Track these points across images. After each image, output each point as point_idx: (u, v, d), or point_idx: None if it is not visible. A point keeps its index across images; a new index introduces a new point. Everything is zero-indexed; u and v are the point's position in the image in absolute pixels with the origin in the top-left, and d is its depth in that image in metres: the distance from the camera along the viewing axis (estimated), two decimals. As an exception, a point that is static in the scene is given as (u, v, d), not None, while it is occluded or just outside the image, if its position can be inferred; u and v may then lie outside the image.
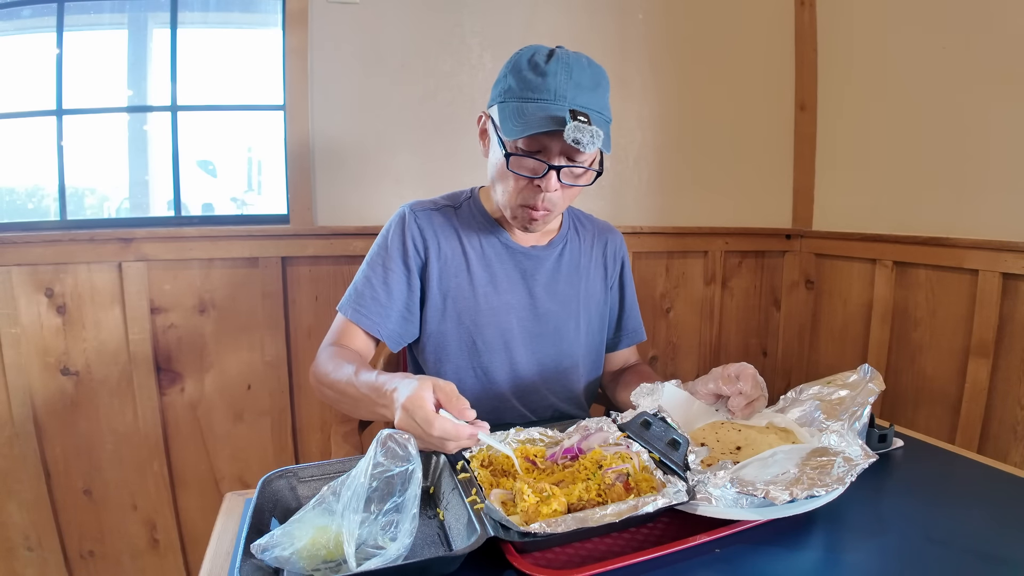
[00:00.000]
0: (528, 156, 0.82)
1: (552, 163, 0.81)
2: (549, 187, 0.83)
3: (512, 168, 0.83)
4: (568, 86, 0.80)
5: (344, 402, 0.82)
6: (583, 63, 0.82)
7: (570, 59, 0.81)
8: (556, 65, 0.80)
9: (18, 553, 1.46)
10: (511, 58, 0.85)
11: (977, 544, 0.61)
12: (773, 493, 0.59)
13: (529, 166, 0.83)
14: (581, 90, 0.80)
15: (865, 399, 0.74)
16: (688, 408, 0.84)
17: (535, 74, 0.80)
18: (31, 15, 1.50)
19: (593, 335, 1.05)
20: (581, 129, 0.74)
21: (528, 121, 0.78)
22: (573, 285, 1.02)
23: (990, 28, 1.42)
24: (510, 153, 0.83)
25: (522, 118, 0.79)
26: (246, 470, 1.60)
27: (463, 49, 1.65)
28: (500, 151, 0.84)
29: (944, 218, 1.54)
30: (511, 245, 0.98)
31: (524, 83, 0.81)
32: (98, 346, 1.45)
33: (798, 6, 1.90)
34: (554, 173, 0.82)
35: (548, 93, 0.79)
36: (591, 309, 1.04)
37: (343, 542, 0.54)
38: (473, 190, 1.03)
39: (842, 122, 1.86)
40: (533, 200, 0.85)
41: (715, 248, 1.91)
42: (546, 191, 0.83)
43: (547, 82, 0.80)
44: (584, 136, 0.74)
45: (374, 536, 0.57)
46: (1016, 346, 1.38)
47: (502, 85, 0.85)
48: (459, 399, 0.65)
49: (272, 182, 1.69)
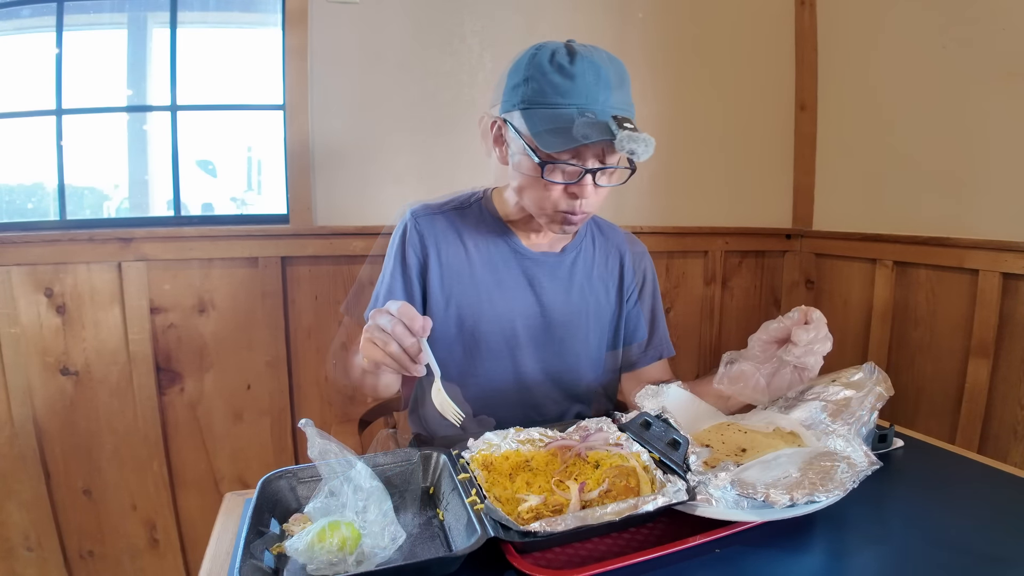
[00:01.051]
0: (566, 163, 0.79)
1: (587, 167, 0.79)
2: (585, 192, 0.81)
3: (547, 176, 0.80)
4: (598, 88, 0.77)
5: (354, 373, 0.84)
6: (605, 59, 0.79)
7: (594, 57, 0.78)
8: (582, 65, 0.77)
9: (18, 553, 1.46)
10: (524, 58, 0.82)
11: (977, 544, 0.61)
12: (773, 496, 0.59)
13: (563, 173, 0.81)
14: (611, 90, 0.78)
15: (873, 403, 0.73)
16: (693, 409, 0.84)
17: (562, 76, 0.77)
18: (31, 15, 1.50)
19: (603, 347, 1.02)
20: (635, 139, 0.71)
21: (568, 130, 0.75)
22: (583, 295, 0.99)
23: (990, 28, 1.42)
24: (545, 162, 0.79)
25: (559, 127, 0.76)
26: (246, 470, 1.60)
27: (463, 49, 1.64)
28: (530, 160, 0.80)
29: (944, 218, 1.54)
30: (520, 250, 0.95)
31: (552, 87, 0.77)
32: (98, 346, 1.45)
33: (798, 6, 1.90)
34: (590, 177, 0.79)
35: (579, 97, 0.76)
36: (602, 320, 1.01)
37: (344, 541, 0.54)
38: (486, 191, 1.00)
39: (842, 122, 1.86)
40: (571, 206, 0.83)
41: (715, 248, 1.91)
42: (583, 197, 0.81)
43: (576, 85, 0.76)
44: (639, 146, 0.71)
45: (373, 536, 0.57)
46: (1016, 346, 1.38)
47: (523, 90, 0.80)
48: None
49: (272, 182, 1.69)
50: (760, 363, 0.80)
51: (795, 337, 0.75)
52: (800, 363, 0.76)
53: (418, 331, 0.67)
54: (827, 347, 0.76)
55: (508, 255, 0.95)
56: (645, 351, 1.05)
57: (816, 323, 0.75)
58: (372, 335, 0.68)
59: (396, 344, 0.66)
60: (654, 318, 1.06)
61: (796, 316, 0.76)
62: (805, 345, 0.74)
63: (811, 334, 0.74)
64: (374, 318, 0.69)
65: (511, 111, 0.83)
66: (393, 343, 0.66)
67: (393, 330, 0.66)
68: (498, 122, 0.87)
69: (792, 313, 0.77)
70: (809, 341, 0.74)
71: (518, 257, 0.96)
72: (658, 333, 1.06)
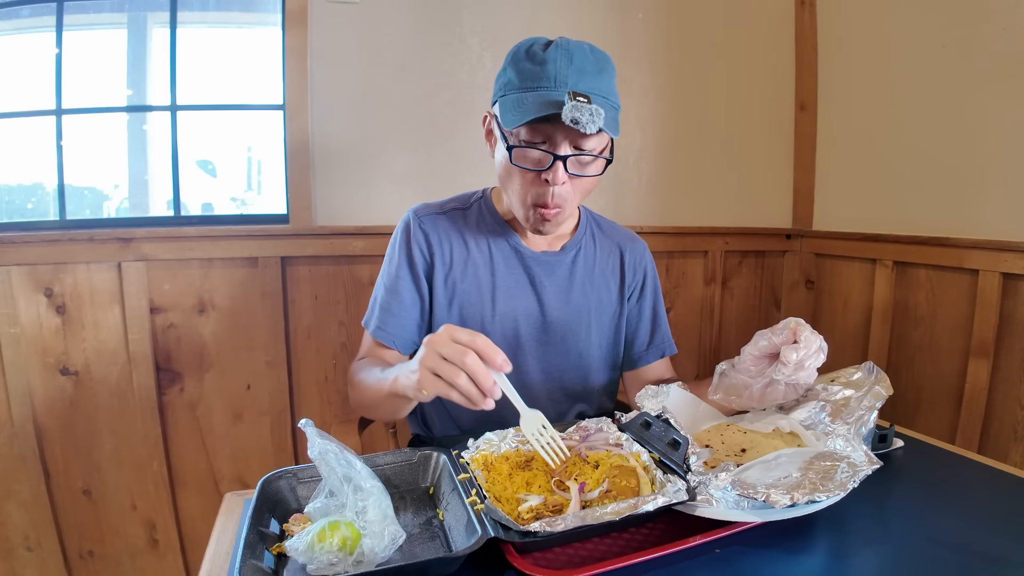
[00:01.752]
0: (531, 147, 0.79)
1: (557, 153, 0.78)
2: (556, 179, 0.79)
3: (516, 161, 0.80)
4: (569, 71, 0.76)
5: (374, 398, 0.81)
6: (584, 49, 0.79)
7: (571, 46, 0.79)
8: (555, 52, 0.78)
9: (18, 553, 1.46)
10: (509, 52, 0.83)
11: (977, 544, 0.61)
12: (774, 497, 0.59)
13: (534, 158, 0.80)
14: (583, 75, 0.77)
15: (873, 403, 0.73)
16: (693, 410, 0.84)
17: (533, 63, 0.78)
18: (30, 15, 1.50)
19: (604, 346, 1.02)
20: (579, 108, 0.70)
21: (526, 109, 0.75)
22: (584, 293, 0.98)
23: (990, 28, 1.42)
24: (512, 146, 0.79)
25: (521, 107, 0.76)
26: (246, 470, 1.60)
27: (463, 49, 1.64)
28: (503, 146, 0.81)
29: (944, 218, 1.54)
30: (521, 249, 0.95)
31: (522, 73, 0.78)
32: (97, 346, 1.45)
33: (798, 6, 1.90)
34: (560, 164, 0.78)
35: (548, 80, 0.76)
36: (603, 319, 1.01)
37: (344, 541, 0.54)
38: (485, 191, 1.00)
39: (842, 122, 1.86)
40: (543, 197, 0.81)
41: (715, 248, 1.91)
42: (554, 184, 0.79)
43: (546, 69, 0.77)
44: (583, 115, 0.70)
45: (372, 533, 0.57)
46: (1016, 346, 1.38)
47: (502, 79, 0.82)
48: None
49: (272, 182, 1.69)
50: (752, 377, 0.78)
51: (784, 357, 0.72)
52: (790, 381, 0.74)
53: (499, 366, 0.63)
54: (820, 360, 0.74)
55: (510, 255, 0.96)
56: (647, 349, 1.04)
57: (805, 342, 0.72)
58: (436, 366, 0.62)
59: (466, 377, 0.61)
60: (656, 315, 1.05)
61: (785, 335, 0.74)
62: (794, 365, 0.72)
63: (800, 353, 0.72)
64: (435, 346, 0.63)
65: (494, 105, 0.84)
66: (463, 375, 0.61)
67: (463, 361, 0.61)
68: (488, 117, 0.88)
69: (782, 328, 0.74)
70: (798, 361, 0.72)
71: (519, 256, 0.96)
72: (660, 331, 1.05)
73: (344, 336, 1.62)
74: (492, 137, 0.89)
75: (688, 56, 1.84)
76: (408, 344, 0.94)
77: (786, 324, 0.74)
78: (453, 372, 0.62)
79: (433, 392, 0.64)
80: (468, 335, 0.63)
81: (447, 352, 0.62)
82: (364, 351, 0.95)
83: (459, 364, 0.61)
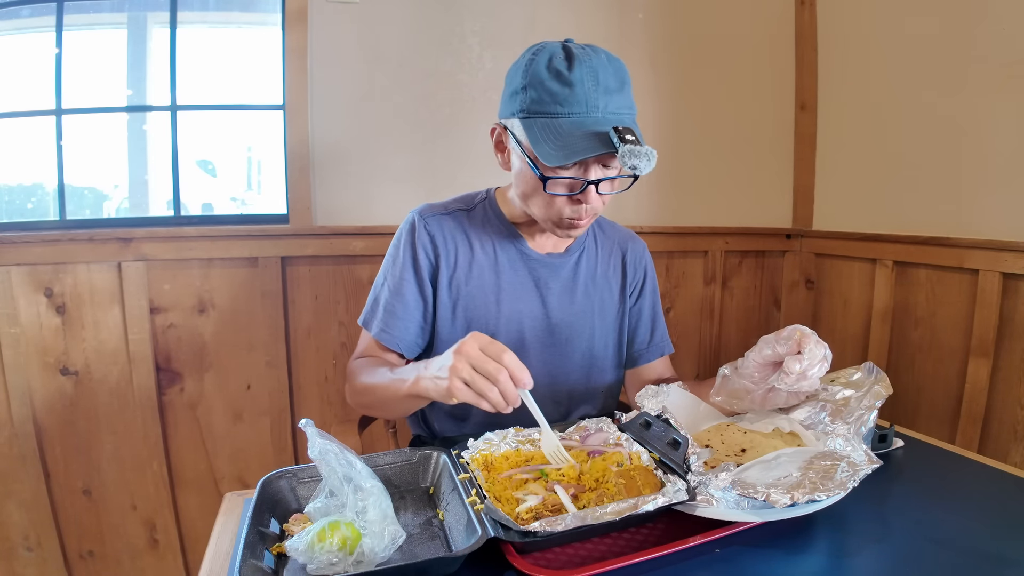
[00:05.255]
0: (565, 178, 0.79)
1: (589, 179, 0.78)
2: (589, 200, 0.80)
3: (549, 191, 0.80)
4: (597, 93, 0.75)
5: (386, 397, 0.81)
6: (604, 62, 0.77)
7: (592, 61, 0.76)
8: (581, 71, 0.75)
9: (17, 553, 1.46)
10: (521, 63, 0.80)
11: (977, 544, 0.61)
12: (774, 496, 0.59)
13: (566, 184, 0.80)
14: (611, 94, 0.76)
15: (872, 403, 0.73)
16: (693, 410, 0.84)
17: (560, 84, 0.75)
18: (30, 15, 1.50)
19: (608, 346, 1.02)
20: (637, 154, 0.70)
21: (568, 143, 0.74)
22: (588, 295, 0.99)
23: (990, 28, 1.42)
24: (547, 177, 0.78)
25: (559, 139, 0.74)
26: (245, 470, 1.60)
27: (463, 49, 1.64)
28: (532, 171, 0.80)
29: (944, 218, 1.54)
30: (526, 251, 0.95)
31: (550, 95, 0.76)
32: (97, 346, 1.45)
33: (798, 6, 1.90)
34: (593, 187, 0.79)
35: (579, 105, 0.75)
36: (607, 319, 1.01)
37: (344, 541, 0.54)
38: (489, 191, 0.99)
39: (842, 122, 1.86)
40: (576, 214, 0.82)
41: (715, 248, 1.91)
42: (586, 203, 0.81)
43: (575, 93, 0.75)
44: (641, 161, 0.71)
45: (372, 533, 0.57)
46: (1016, 346, 1.38)
47: (521, 97, 0.79)
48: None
49: (272, 182, 1.69)
50: (755, 383, 0.78)
51: (787, 367, 0.72)
52: (793, 391, 0.74)
53: (526, 384, 0.66)
54: (823, 370, 0.73)
55: (515, 258, 0.95)
56: (648, 347, 1.05)
57: (808, 353, 0.71)
58: (471, 379, 0.65)
59: (498, 393, 0.65)
60: (655, 315, 1.07)
61: (790, 345, 0.73)
62: (796, 376, 0.71)
63: (803, 364, 0.71)
64: (467, 358, 0.66)
65: (511, 118, 0.82)
66: (494, 391, 0.65)
67: (498, 378, 0.64)
68: (498, 128, 0.86)
69: (787, 336, 0.73)
70: (801, 371, 0.71)
71: (525, 259, 0.95)
72: (659, 330, 1.06)
73: (344, 336, 1.62)
74: (504, 150, 0.87)
75: (688, 56, 1.84)
76: (410, 346, 0.93)
77: (791, 333, 0.73)
78: (486, 386, 0.65)
79: (463, 400, 0.66)
80: (497, 349, 0.66)
81: (481, 367, 0.65)
82: (363, 350, 0.95)
83: (492, 380, 0.65)
